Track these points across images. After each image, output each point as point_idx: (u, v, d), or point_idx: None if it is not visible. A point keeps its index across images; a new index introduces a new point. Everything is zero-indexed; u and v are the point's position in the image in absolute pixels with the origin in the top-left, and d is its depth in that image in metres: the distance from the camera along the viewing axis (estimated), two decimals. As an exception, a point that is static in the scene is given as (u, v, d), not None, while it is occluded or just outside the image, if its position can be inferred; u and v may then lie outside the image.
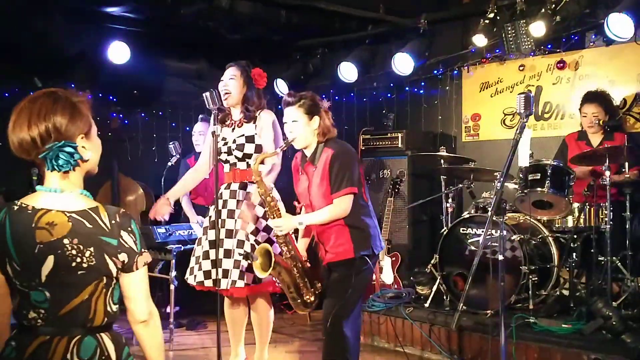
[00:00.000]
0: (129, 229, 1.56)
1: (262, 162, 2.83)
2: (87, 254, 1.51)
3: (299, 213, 3.01)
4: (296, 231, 2.88)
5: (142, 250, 1.58)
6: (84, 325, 1.52)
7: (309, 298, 2.80)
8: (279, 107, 2.85)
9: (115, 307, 1.58)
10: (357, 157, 2.80)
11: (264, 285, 3.11)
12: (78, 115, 1.55)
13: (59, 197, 1.53)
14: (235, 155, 3.18)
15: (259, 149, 3.17)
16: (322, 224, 2.73)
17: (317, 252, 2.99)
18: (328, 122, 2.77)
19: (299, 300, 2.80)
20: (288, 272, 2.76)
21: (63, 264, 1.49)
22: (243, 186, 3.21)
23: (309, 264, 2.88)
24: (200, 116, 4.86)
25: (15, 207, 1.51)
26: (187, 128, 5.61)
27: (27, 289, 1.51)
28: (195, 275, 3.20)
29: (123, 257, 1.54)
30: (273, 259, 2.66)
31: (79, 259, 1.50)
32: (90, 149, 1.59)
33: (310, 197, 2.76)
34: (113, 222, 1.54)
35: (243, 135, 3.18)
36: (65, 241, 1.49)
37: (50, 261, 1.48)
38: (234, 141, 3.17)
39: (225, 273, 3.09)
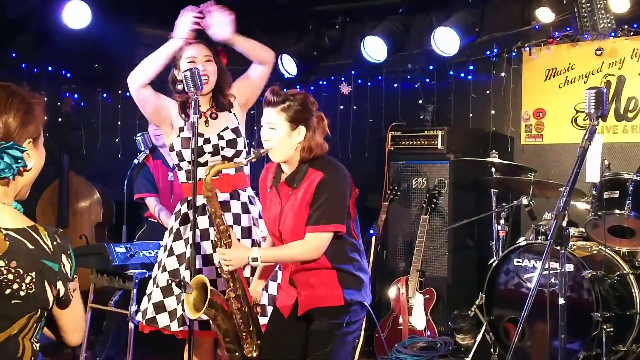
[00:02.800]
0: (68, 252, 1.73)
1: (216, 174, 2.93)
2: (28, 279, 1.64)
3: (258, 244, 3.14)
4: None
5: (74, 276, 1.76)
6: None
7: (251, 352, 2.87)
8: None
9: (37, 346, 1.73)
10: (350, 185, 2.83)
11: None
12: (32, 117, 1.74)
13: None
14: (223, 155, 3.30)
15: (244, 144, 3.35)
16: (299, 265, 2.79)
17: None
18: (319, 138, 2.81)
19: (236, 354, 2.88)
20: (227, 317, 2.83)
21: None
22: (237, 196, 3.34)
23: (258, 309, 2.99)
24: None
25: None
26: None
27: None
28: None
29: (59, 285, 1.70)
30: (208, 296, 2.69)
31: (16, 286, 1.63)
32: (34, 159, 1.76)
33: (279, 226, 2.83)
34: (54, 243, 1.69)
35: (228, 128, 3.31)
36: (0, 264, 1.63)
37: None
38: (220, 137, 3.30)
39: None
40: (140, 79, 3.30)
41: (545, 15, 4.80)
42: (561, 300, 2.85)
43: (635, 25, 4.78)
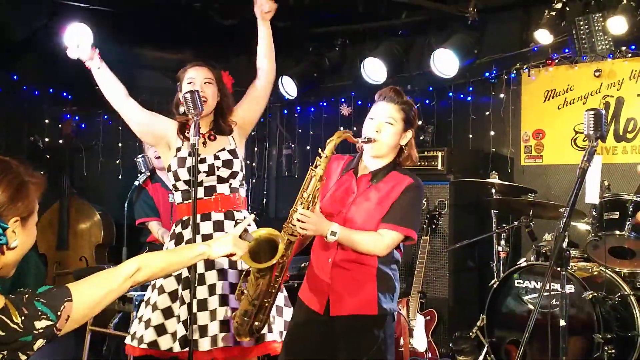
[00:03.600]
0: (39, 313, 1.70)
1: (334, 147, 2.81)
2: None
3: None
4: None
5: (59, 313, 1.72)
6: None
7: (259, 326, 2.81)
8: (284, 111, 2.93)
9: None
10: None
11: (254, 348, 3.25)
12: (22, 196, 1.73)
13: None
14: (218, 175, 3.32)
15: (242, 164, 3.36)
16: (347, 253, 2.79)
17: None
18: (415, 148, 2.93)
19: (246, 324, 2.80)
20: (268, 282, 2.72)
21: None
22: (230, 216, 3.34)
23: (283, 285, 2.92)
24: None
25: None
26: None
27: None
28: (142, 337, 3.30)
29: (40, 342, 1.70)
30: (280, 252, 2.61)
31: None
32: (20, 238, 1.74)
33: (345, 210, 2.83)
34: (23, 317, 1.67)
35: (224, 149, 3.33)
36: None
37: None
38: (216, 157, 3.32)
39: (204, 330, 3.25)
40: (110, 93, 3.42)
41: (543, 37, 4.88)
42: (562, 322, 2.88)
43: (633, 47, 4.86)
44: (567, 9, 4.71)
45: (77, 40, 3.40)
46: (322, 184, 2.76)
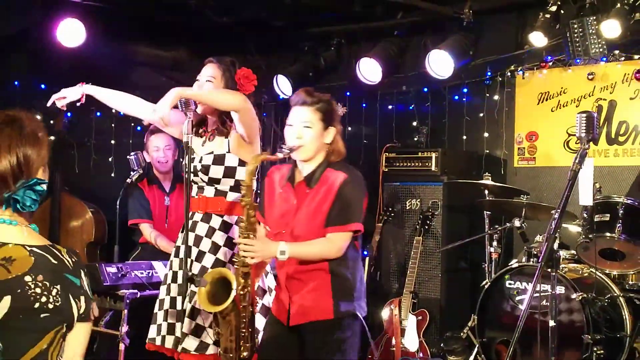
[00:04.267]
0: (85, 270, 1.84)
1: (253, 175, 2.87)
2: (54, 292, 1.74)
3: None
4: None
5: (93, 297, 1.85)
6: None
7: (244, 354, 2.84)
8: (279, 110, 2.94)
9: None
10: (365, 189, 2.96)
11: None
12: (42, 144, 1.83)
13: (14, 229, 1.78)
14: (201, 178, 3.34)
15: (229, 171, 3.29)
16: (297, 264, 2.85)
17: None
18: (340, 142, 2.96)
19: (230, 355, 2.86)
20: (237, 314, 2.79)
21: (23, 306, 1.71)
22: (207, 218, 3.33)
23: (257, 310, 2.99)
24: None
25: None
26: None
27: None
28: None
29: (82, 301, 1.80)
30: (233, 293, 2.69)
31: (44, 299, 1.73)
32: (44, 180, 1.85)
33: (292, 223, 2.89)
34: (74, 259, 1.81)
35: (212, 153, 3.32)
36: (27, 278, 1.72)
37: (5, 302, 1.70)
38: (201, 160, 3.32)
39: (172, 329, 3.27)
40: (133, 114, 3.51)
41: (538, 39, 4.93)
42: (552, 323, 2.93)
43: (626, 51, 4.91)
44: (562, 12, 4.75)
45: (63, 93, 3.39)
46: (255, 211, 2.82)
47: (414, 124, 5.80)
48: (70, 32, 5.29)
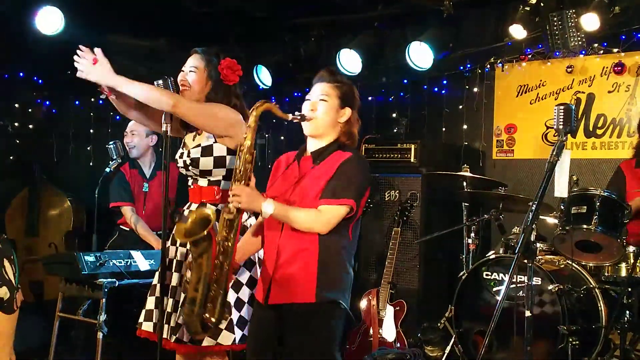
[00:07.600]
0: (11, 257, 1.77)
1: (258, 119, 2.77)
2: None
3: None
4: None
5: (18, 286, 1.76)
6: None
7: (210, 319, 2.69)
8: (258, 100, 2.85)
9: None
10: (370, 178, 2.91)
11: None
12: None
13: None
14: (193, 172, 3.31)
15: (219, 161, 3.23)
16: (288, 236, 2.76)
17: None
18: (355, 128, 2.91)
19: (194, 317, 2.68)
20: (208, 265, 2.65)
21: None
22: (200, 207, 3.29)
23: (234, 276, 2.91)
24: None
25: None
26: (135, 124, 5.76)
27: None
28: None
29: (3, 291, 1.73)
30: (208, 228, 2.58)
31: None
32: None
33: (291, 194, 2.82)
34: None
35: (199, 145, 3.27)
36: None
37: None
38: (189, 154, 3.28)
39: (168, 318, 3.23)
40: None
41: (517, 32, 4.93)
42: (527, 313, 2.93)
43: (605, 44, 4.94)
44: (542, 4, 4.74)
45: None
46: (252, 157, 2.72)
47: (394, 115, 5.80)
48: (49, 20, 5.21)
